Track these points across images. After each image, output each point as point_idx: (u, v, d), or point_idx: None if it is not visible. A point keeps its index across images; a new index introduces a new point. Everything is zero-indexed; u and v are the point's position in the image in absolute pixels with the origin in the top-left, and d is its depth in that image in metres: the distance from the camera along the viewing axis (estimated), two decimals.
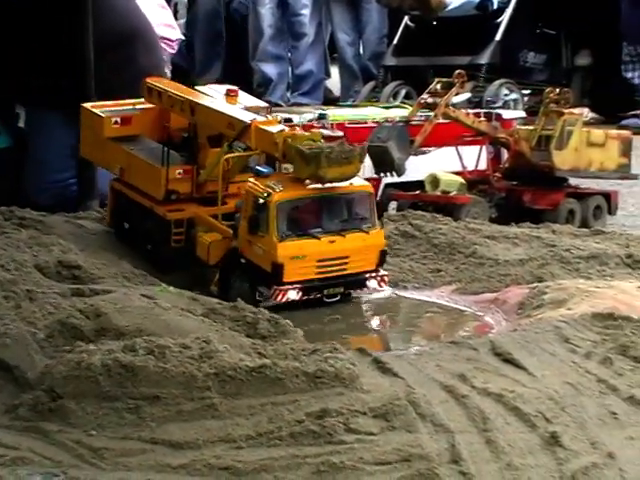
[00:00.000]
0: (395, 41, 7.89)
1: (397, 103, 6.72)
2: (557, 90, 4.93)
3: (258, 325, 3.23)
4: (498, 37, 7.37)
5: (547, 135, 4.84)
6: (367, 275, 3.63)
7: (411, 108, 5.18)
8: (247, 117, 3.64)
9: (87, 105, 4.15)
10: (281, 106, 7.64)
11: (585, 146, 4.88)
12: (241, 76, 8.80)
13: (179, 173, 3.85)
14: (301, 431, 2.65)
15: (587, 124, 5.45)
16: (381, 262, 3.65)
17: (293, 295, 3.53)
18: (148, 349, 2.78)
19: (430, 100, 4.98)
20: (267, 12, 8.33)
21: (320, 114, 5.21)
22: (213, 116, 3.74)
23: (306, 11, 8.31)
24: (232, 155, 3.72)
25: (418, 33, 7.70)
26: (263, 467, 2.54)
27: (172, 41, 6.02)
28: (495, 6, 7.46)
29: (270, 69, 8.37)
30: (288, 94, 8.46)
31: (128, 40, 5.11)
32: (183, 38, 6.08)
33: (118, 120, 4.02)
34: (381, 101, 7.20)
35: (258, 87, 8.49)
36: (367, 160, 3.94)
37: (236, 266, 3.64)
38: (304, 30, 8.33)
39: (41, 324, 3.05)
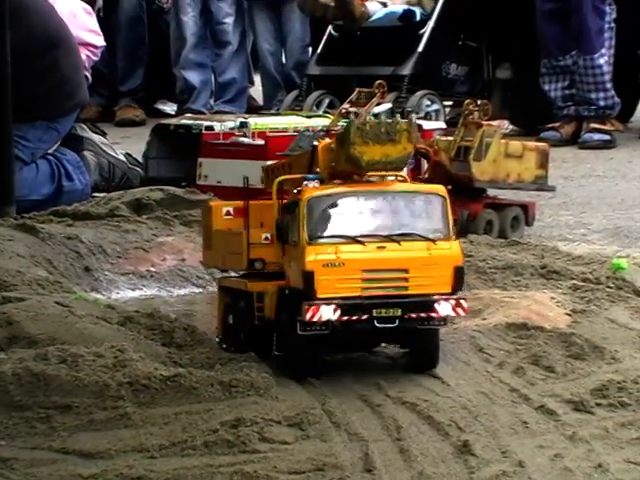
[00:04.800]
0: (319, 50, 7.91)
1: (320, 112, 6.74)
2: (476, 102, 4.98)
3: (174, 334, 3.22)
4: (420, 48, 7.44)
5: (466, 146, 4.89)
6: (436, 297, 2.80)
7: (333, 117, 5.19)
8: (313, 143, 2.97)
9: (211, 203, 3.34)
10: (204, 114, 7.61)
11: (503, 157, 4.94)
12: (164, 83, 8.78)
13: (266, 238, 3.04)
14: (215, 440, 2.65)
15: (507, 136, 5.51)
16: (458, 283, 2.82)
17: (328, 313, 2.73)
18: (61, 358, 2.76)
19: (351, 110, 5.00)
20: (190, 20, 8.31)
21: (242, 122, 5.20)
22: (298, 161, 3.04)
23: (229, 19, 8.31)
24: (284, 177, 2.98)
25: (342, 43, 7.73)
26: (176, 477, 2.53)
27: (96, 47, 5.97)
28: (418, 18, 7.52)
29: (193, 77, 8.34)
30: (211, 102, 8.44)
31: (53, 45, 5.08)
32: (105, 44, 6.03)
33: (230, 210, 3.23)
34: (304, 110, 7.21)
35: (181, 94, 8.46)
36: None
37: (282, 301, 2.90)
38: (228, 38, 8.33)
39: None
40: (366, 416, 2.75)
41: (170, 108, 8.84)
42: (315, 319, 2.74)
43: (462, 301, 2.82)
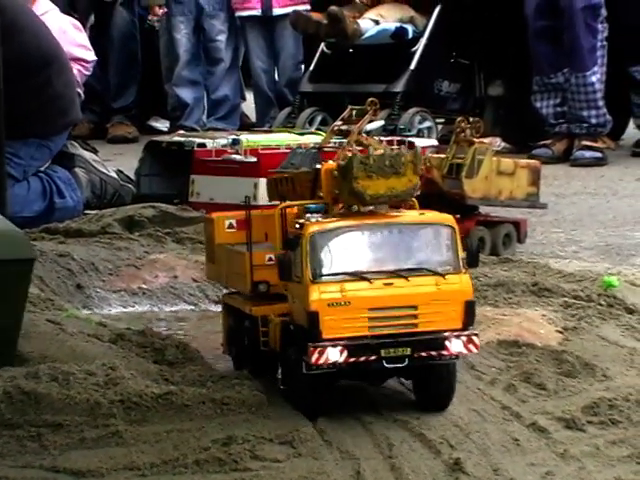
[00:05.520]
0: (311, 67, 7.94)
1: (312, 129, 6.75)
2: (468, 119, 5.00)
3: (166, 351, 3.22)
4: (413, 66, 7.46)
5: (458, 164, 4.90)
6: (447, 334, 2.70)
7: (325, 135, 5.20)
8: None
9: (213, 215, 3.22)
10: (197, 131, 7.62)
11: (495, 175, 4.95)
12: (157, 100, 8.79)
13: (270, 259, 2.92)
14: (206, 458, 2.64)
15: (499, 153, 5.52)
16: (469, 318, 2.72)
17: (335, 355, 2.64)
18: (52, 376, 2.75)
19: (343, 127, 5.01)
20: (183, 38, 8.33)
21: (234, 139, 5.21)
22: (300, 179, 2.94)
23: (222, 37, 8.33)
24: (288, 204, 2.87)
25: (334, 60, 7.75)
26: None
27: (87, 62, 5.98)
28: (410, 35, 7.55)
29: (186, 94, 8.36)
30: (204, 119, 8.46)
31: (46, 63, 5.09)
32: (97, 59, 6.04)
33: (233, 223, 3.12)
34: (297, 127, 7.23)
35: (173, 111, 8.47)
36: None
37: (286, 336, 2.81)
38: (220, 55, 8.35)
39: None
40: (358, 434, 2.75)
41: (163, 125, 8.85)
42: (321, 362, 2.65)
43: (474, 337, 2.72)
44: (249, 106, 9.08)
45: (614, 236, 5.14)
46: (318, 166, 2.84)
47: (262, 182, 4.94)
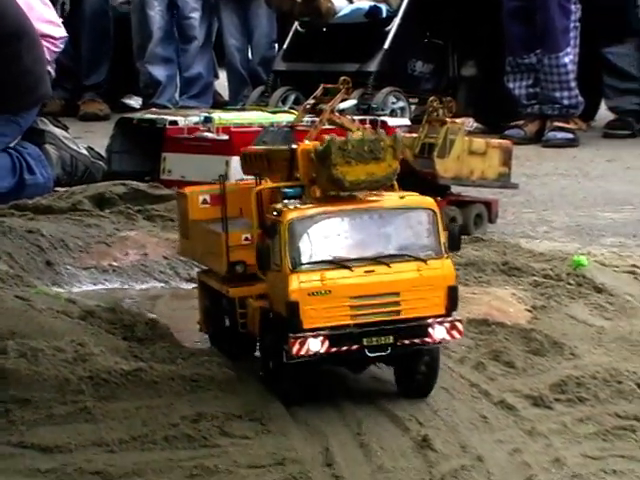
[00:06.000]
0: (285, 46, 7.91)
1: (285, 108, 6.74)
2: (441, 99, 5.00)
3: (135, 328, 3.21)
4: (386, 45, 7.45)
5: (430, 143, 4.90)
6: (430, 321, 2.67)
7: (298, 113, 5.19)
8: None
9: (187, 190, 3.17)
10: (169, 108, 7.59)
11: (467, 155, 4.96)
12: (129, 77, 8.74)
13: (246, 239, 2.89)
14: (175, 435, 2.64)
15: (471, 134, 5.53)
16: (452, 304, 2.68)
17: (316, 346, 2.60)
18: (20, 352, 2.75)
19: (316, 106, 5.00)
20: (156, 15, 8.27)
21: (206, 117, 5.19)
22: (275, 156, 2.87)
23: (196, 14, 8.29)
24: (263, 187, 2.82)
25: (308, 39, 7.73)
26: (136, 471, 2.53)
27: (56, 39, 5.91)
28: (384, 14, 7.53)
29: (159, 71, 8.31)
30: (177, 97, 8.41)
31: (14, 38, 5.04)
32: (67, 36, 5.97)
33: (207, 198, 3.08)
34: (270, 106, 7.20)
35: (145, 89, 8.42)
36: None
37: (266, 324, 2.76)
38: (194, 33, 8.31)
39: None
40: (326, 411, 2.76)
41: (136, 102, 8.81)
42: (302, 353, 2.60)
43: (457, 323, 2.68)
44: (222, 84, 9.05)
45: (584, 217, 5.16)
46: (294, 146, 2.77)
47: (234, 160, 4.93)
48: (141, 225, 4.40)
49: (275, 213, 2.66)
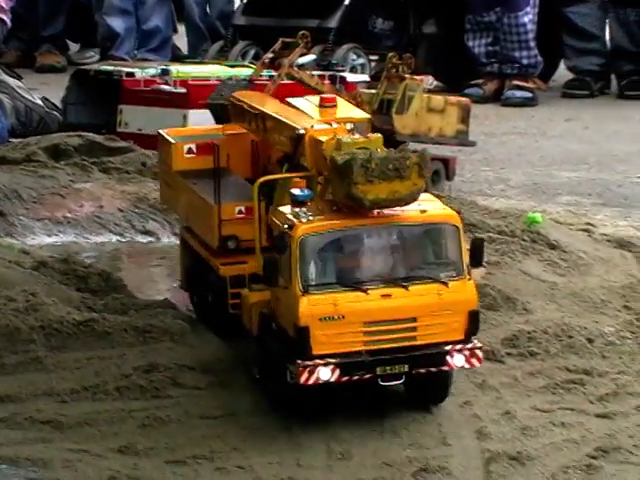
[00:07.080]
0: (245, 0, 7.84)
1: (244, 62, 6.68)
2: (400, 55, 4.98)
3: (89, 280, 3.19)
4: (347, 1, 7.41)
5: (389, 99, 4.89)
6: (448, 348, 2.48)
7: (256, 67, 5.15)
8: (307, 124, 2.60)
9: (163, 131, 3.02)
10: (126, 61, 7.50)
11: (425, 111, 4.95)
12: (85, 29, 8.62)
13: (240, 212, 2.75)
14: (127, 385, 2.64)
15: (431, 92, 5.52)
16: (472, 329, 2.49)
17: (326, 375, 2.40)
18: None
19: (275, 60, 4.96)
20: None
21: (163, 69, 5.13)
22: (279, 128, 2.72)
23: None
24: (266, 178, 2.65)
25: None
26: (87, 421, 2.52)
27: None
28: None
29: (117, 23, 8.20)
30: (135, 50, 8.31)
31: None
32: None
33: (192, 148, 2.94)
34: (229, 61, 7.15)
35: (103, 41, 8.31)
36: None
37: (267, 336, 2.57)
38: None
39: None
40: None
41: (93, 55, 8.69)
42: (311, 382, 2.39)
43: (477, 351, 2.48)
44: (181, 39, 8.95)
45: (541, 175, 5.19)
46: (302, 132, 2.58)
47: (191, 113, 4.89)
48: (96, 177, 4.36)
49: (286, 226, 2.44)
